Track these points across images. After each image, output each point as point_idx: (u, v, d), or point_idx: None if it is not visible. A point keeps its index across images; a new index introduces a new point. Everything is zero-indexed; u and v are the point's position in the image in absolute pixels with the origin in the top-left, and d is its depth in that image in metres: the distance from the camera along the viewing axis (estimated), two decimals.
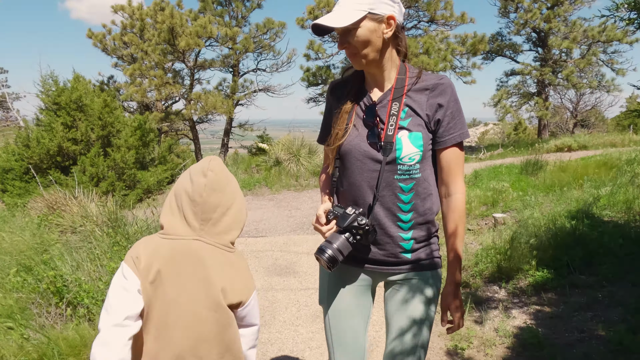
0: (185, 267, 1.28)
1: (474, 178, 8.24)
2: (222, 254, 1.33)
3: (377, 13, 1.49)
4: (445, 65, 12.91)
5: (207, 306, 1.28)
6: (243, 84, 12.87)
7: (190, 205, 1.31)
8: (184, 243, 1.29)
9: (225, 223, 1.34)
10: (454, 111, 1.56)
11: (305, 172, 11.97)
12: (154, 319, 1.26)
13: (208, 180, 1.31)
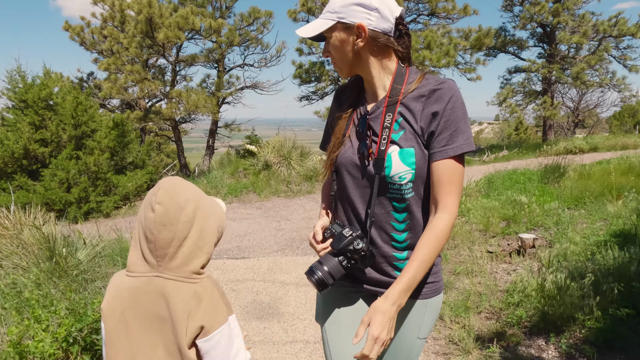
0: (147, 306, 1.24)
1: (487, 186, 7.31)
2: (185, 287, 1.24)
3: (347, 22, 1.40)
4: (449, 61, 12.01)
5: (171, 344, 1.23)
6: (229, 81, 11.90)
7: (145, 241, 1.24)
8: (145, 281, 1.24)
9: (183, 255, 1.25)
10: (449, 120, 1.38)
11: (296, 176, 11.00)
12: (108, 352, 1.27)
13: (156, 215, 1.22)
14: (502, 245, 5.16)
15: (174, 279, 1.24)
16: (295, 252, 5.95)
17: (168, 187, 1.24)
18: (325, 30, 1.41)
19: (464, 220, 6.32)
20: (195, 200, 1.27)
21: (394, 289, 1.34)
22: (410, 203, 1.44)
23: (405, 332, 1.53)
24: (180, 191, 1.25)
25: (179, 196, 1.24)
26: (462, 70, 13.79)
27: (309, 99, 15.05)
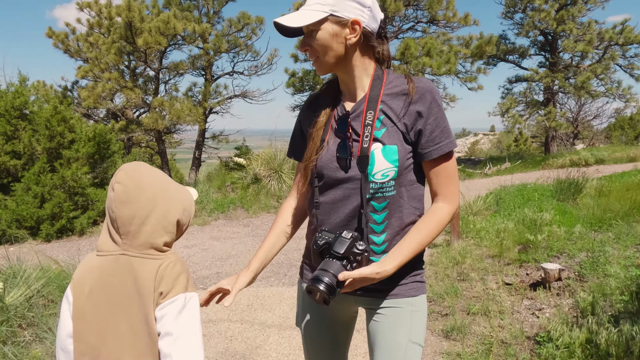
0: (115, 283, 1.27)
1: (495, 203, 6.63)
2: (150, 263, 1.28)
3: (340, 16, 1.37)
4: (450, 68, 11.42)
5: (139, 320, 1.26)
6: (216, 89, 11.24)
7: (109, 220, 1.33)
8: (112, 259, 1.29)
9: (146, 232, 1.29)
10: (437, 118, 1.41)
11: (287, 190, 10.30)
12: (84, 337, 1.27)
13: (116, 194, 1.29)
14: (520, 275, 4.47)
15: (138, 256, 1.28)
16: (281, 280, 5.24)
17: (129, 168, 1.31)
18: (314, 23, 1.36)
19: (473, 243, 5.63)
20: (159, 182, 1.33)
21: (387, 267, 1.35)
22: (389, 202, 1.44)
23: (396, 334, 1.48)
24: (142, 173, 1.31)
25: (139, 177, 1.30)
26: (462, 79, 13.23)
27: None
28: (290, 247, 6.75)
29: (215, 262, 6.26)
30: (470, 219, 6.34)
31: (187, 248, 7.33)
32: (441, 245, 5.79)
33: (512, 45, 16.34)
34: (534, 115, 15.42)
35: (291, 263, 5.91)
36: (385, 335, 1.48)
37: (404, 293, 1.49)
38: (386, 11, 12.88)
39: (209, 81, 11.53)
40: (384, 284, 1.44)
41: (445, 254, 5.26)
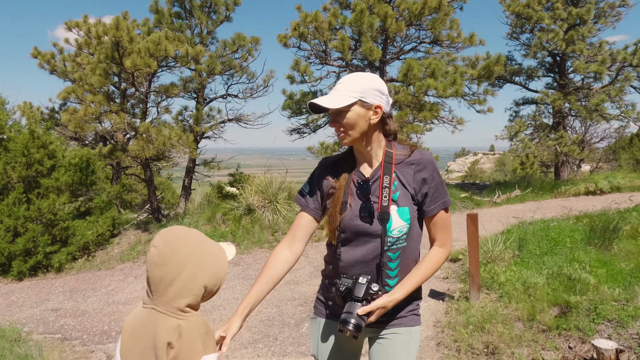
0: (141, 334, 1.44)
1: (517, 244, 5.84)
2: (171, 320, 1.41)
3: (367, 101, 1.73)
4: (457, 90, 10.75)
5: None
6: (209, 113, 10.56)
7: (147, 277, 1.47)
8: (147, 311, 1.45)
9: (171, 293, 1.42)
10: (437, 183, 1.80)
11: (283, 223, 9.55)
12: None
13: (151, 256, 1.44)
14: (561, 348, 3.67)
15: (163, 312, 1.42)
16: (269, 347, 4.42)
17: (165, 235, 1.46)
18: (345, 106, 1.71)
19: (495, 298, 4.84)
20: (191, 247, 1.46)
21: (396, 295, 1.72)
22: (401, 252, 1.78)
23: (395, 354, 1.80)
24: (177, 237, 1.45)
25: (174, 242, 1.44)
26: (469, 101, 12.58)
27: (300, 132, 13.74)
28: (284, 296, 5.95)
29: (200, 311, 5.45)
30: (489, 267, 5.55)
31: None
32: (459, 300, 4.99)
33: (518, 67, 15.75)
34: (544, 140, 14.74)
35: (283, 321, 5.10)
36: (387, 354, 1.80)
37: (404, 323, 1.84)
38: (387, 31, 12.31)
39: (201, 104, 10.85)
40: (387, 316, 1.78)
41: (466, 314, 4.46)
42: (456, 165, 58.54)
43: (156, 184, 27.10)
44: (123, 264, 8.80)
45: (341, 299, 1.73)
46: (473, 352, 3.81)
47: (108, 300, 6.44)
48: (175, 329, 1.39)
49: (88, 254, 9.52)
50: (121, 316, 5.67)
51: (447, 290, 5.69)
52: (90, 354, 4.59)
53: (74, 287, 7.52)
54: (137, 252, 9.24)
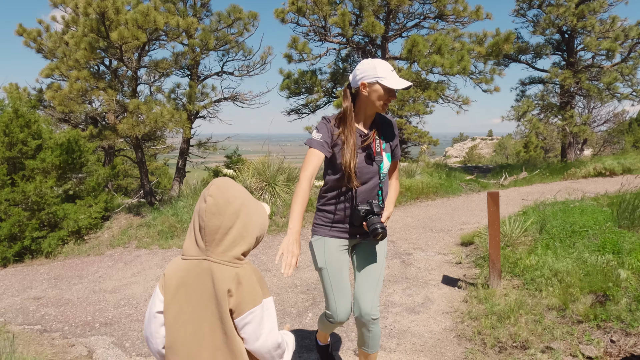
0: (198, 283, 1.53)
1: (538, 227, 5.37)
2: (228, 270, 1.52)
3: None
4: (464, 67, 10.20)
5: (217, 317, 1.51)
6: (203, 91, 9.99)
7: (198, 228, 1.54)
8: (196, 263, 1.53)
9: (227, 242, 1.53)
10: (398, 141, 2.72)
11: (282, 206, 9.07)
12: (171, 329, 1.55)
13: (207, 206, 1.52)
14: (603, 342, 3.21)
15: (218, 262, 1.53)
16: None
17: (220, 183, 1.57)
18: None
19: (518, 284, 4.38)
20: (242, 198, 1.58)
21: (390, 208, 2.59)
22: (385, 181, 2.62)
23: (380, 254, 2.67)
24: (230, 188, 1.57)
25: (228, 192, 1.55)
26: (476, 80, 12.03)
27: (299, 112, 13.19)
28: (284, 283, 5.48)
29: None
30: (508, 251, 5.08)
31: (158, 281, 6.05)
32: (477, 286, 4.53)
33: (525, 44, 15.14)
34: (553, 120, 14.22)
35: (285, 310, 4.64)
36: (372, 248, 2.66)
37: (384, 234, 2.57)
38: (389, 5, 11.70)
39: (195, 82, 10.28)
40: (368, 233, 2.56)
41: (488, 303, 4.00)
42: (454, 151, 58.00)
43: (152, 169, 26.54)
44: (113, 250, 8.32)
45: (362, 218, 2.47)
46: (501, 347, 3.36)
47: (94, 289, 5.97)
48: (234, 277, 1.51)
49: (77, 239, 9.03)
50: (107, 306, 5.21)
51: (462, 276, 5.24)
52: (69, 348, 4.13)
53: (60, 274, 7.04)
54: (129, 237, 8.75)
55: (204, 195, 1.55)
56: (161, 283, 1.60)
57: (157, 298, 1.60)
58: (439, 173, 13.01)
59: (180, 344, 1.54)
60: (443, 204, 10.19)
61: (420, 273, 5.52)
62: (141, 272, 6.62)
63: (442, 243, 6.91)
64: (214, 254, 1.52)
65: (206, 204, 1.52)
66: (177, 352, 1.54)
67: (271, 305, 1.57)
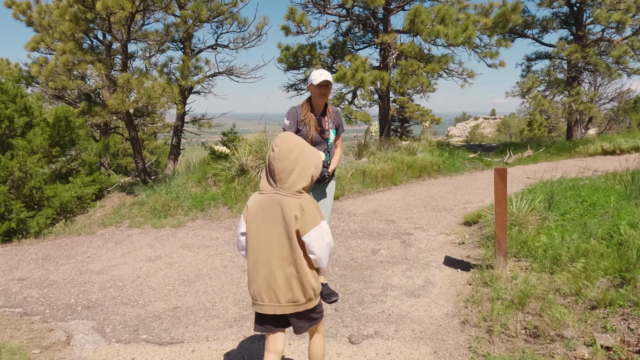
0: (271, 211, 2.17)
1: (546, 205, 5.08)
2: (293, 200, 2.14)
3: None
4: (469, 36, 9.76)
5: (286, 236, 2.16)
6: (197, 65, 9.60)
7: (269, 170, 2.20)
8: (269, 196, 2.18)
9: (291, 180, 2.15)
10: (342, 123, 4.00)
11: None
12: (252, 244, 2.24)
13: (275, 154, 2.16)
14: (619, 330, 2.94)
15: (286, 195, 2.14)
16: None
17: (283, 136, 2.20)
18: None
19: (525, 266, 4.10)
20: (300, 147, 2.19)
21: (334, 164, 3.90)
22: (330, 149, 3.87)
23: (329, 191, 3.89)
24: (291, 139, 2.19)
25: (289, 142, 2.17)
26: (480, 54, 11.59)
27: (297, 88, 12.80)
28: None
29: (178, 288, 4.74)
30: (514, 231, 4.79)
31: (149, 261, 5.81)
32: (482, 268, 4.25)
33: (531, 18, 14.59)
34: (559, 97, 13.78)
35: None
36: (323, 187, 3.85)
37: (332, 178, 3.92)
38: None
39: (188, 55, 9.88)
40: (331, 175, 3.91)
41: (494, 286, 3.73)
42: (456, 130, 57.41)
43: (152, 148, 26.16)
44: (105, 229, 8.06)
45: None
46: (509, 335, 3.09)
47: (81, 269, 5.73)
48: (298, 206, 2.13)
49: (67, 218, 8.79)
50: (92, 287, 4.96)
51: (466, 257, 4.97)
52: (47, 333, 3.88)
53: (48, 254, 6.79)
54: (121, 216, 8.49)
55: (272, 145, 2.15)
56: (244, 212, 2.23)
57: (240, 224, 2.27)
58: (441, 151, 12.68)
59: (258, 254, 2.18)
60: (445, 183, 9.89)
61: (421, 254, 5.25)
62: (131, 252, 6.37)
63: (445, 222, 6.63)
64: (282, 189, 2.11)
65: (274, 152, 2.13)
66: (257, 260, 2.19)
67: (326, 225, 2.21)
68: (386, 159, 10.50)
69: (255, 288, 2.23)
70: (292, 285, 2.19)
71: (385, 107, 13.00)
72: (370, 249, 5.58)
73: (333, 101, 11.52)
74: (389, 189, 9.47)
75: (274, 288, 2.19)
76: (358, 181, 9.47)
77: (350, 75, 10.69)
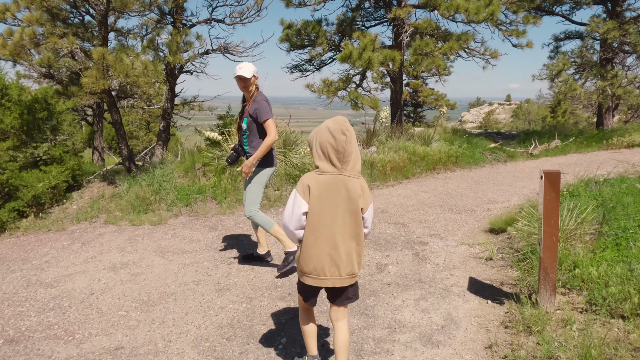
0: (336, 191, 2.36)
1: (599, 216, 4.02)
2: (355, 180, 2.38)
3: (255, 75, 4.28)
4: (492, 12, 8.57)
5: (350, 212, 2.38)
6: (187, 40, 8.55)
7: (335, 153, 2.34)
8: (334, 177, 2.36)
9: (352, 162, 2.38)
10: (260, 109, 4.15)
11: (276, 176, 7.76)
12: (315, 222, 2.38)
13: (347, 138, 2.34)
14: None
15: (349, 175, 2.36)
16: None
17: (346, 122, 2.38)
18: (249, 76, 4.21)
19: (580, 303, 3.06)
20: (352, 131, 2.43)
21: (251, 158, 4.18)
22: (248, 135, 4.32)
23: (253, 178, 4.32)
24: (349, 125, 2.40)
25: (351, 128, 2.38)
26: (505, 32, 10.37)
27: (302, 69, 11.69)
28: (262, 283, 4.24)
29: (132, 314, 3.78)
30: (562, 250, 3.74)
31: (112, 271, 4.88)
32: (520, 301, 3.22)
33: None
34: (592, 80, 12.52)
35: (252, 330, 3.41)
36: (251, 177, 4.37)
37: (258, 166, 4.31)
38: None
39: (178, 30, 8.83)
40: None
41: (543, 338, 2.70)
42: (470, 116, 55.86)
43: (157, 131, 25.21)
44: (78, 225, 7.14)
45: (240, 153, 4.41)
46: None
47: (30, 280, 4.81)
48: (360, 186, 2.39)
49: (38, 212, 7.89)
50: (31, 308, 4.03)
51: (496, 281, 3.93)
52: None
53: (4, 255, 5.89)
54: (98, 210, 7.55)
55: (341, 129, 2.34)
56: (302, 192, 2.38)
57: (301, 204, 2.38)
58: (458, 140, 11.54)
59: (320, 231, 2.37)
60: (464, 177, 8.80)
61: (438, 273, 4.23)
62: (96, 256, 5.44)
63: (466, 228, 5.59)
64: (346, 171, 2.36)
65: (345, 137, 2.33)
66: (319, 236, 2.37)
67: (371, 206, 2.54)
68: (397, 149, 9.43)
69: (317, 263, 2.39)
70: (352, 259, 2.41)
71: (397, 91, 11.86)
72: (376, 264, 4.57)
73: (339, 84, 10.41)
74: (400, 183, 8.42)
75: (337, 262, 2.38)
76: (365, 174, 8.42)
77: (356, 55, 9.58)
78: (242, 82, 4.15)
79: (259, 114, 4.13)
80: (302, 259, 2.42)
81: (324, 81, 10.32)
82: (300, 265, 2.45)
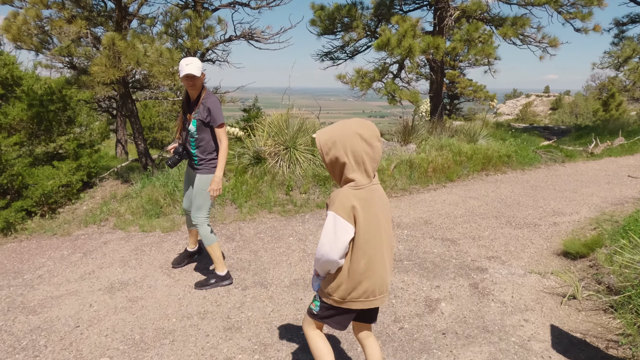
0: (375, 205, 2.11)
1: None
2: (381, 187, 2.20)
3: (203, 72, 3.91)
4: None
5: (388, 223, 2.19)
6: (208, 25, 7.75)
7: (372, 162, 2.08)
8: (369, 189, 2.09)
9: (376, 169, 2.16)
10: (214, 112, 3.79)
11: (303, 177, 6.92)
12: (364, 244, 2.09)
13: (381, 145, 2.11)
14: None
15: (378, 183, 2.16)
16: None
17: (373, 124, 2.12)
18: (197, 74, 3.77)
19: None
20: None
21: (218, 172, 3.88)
22: (196, 140, 3.88)
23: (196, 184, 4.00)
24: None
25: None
26: (566, 16, 9.13)
27: (333, 57, 10.74)
28: (284, 300, 3.38)
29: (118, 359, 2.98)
30: None
31: (107, 293, 4.15)
32: None
33: None
34: None
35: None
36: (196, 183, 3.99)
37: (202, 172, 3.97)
38: None
39: (199, 13, 8.04)
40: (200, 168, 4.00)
41: None
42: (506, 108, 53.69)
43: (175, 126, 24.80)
44: (85, 229, 6.49)
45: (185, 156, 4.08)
46: None
47: (14, 301, 4.13)
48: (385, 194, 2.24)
49: (47, 212, 7.28)
50: (1, 345, 3.30)
51: (588, 335, 2.96)
52: None
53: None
54: (107, 212, 6.88)
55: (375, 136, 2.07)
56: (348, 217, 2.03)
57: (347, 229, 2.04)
58: (504, 136, 10.41)
59: (369, 252, 2.09)
60: (518, 180, 7.73)
61: (507, 317, 3.28)
62: (94, 271, 4.73)
63: (532, 250, 4.59)
64: (375, 178, 2.15)
65: (380, 143, 2.10)
66: (370, 259, 2.10)
67: None
68: (439, 147, 8.42)
69: (368, 287, 2.15)
70: (391, 270, 2.26)
71: (438, 82, 10.80)
72: (424, 299, 3.66)
73: (374, 74, 9.43)
74: (444, 187, 7.42)
75: (385, 280, 2.20)
76: (404, 175, 7.47)
77: (395, 43, 8.59)
78: (191, 81, 3.74)
79: (212, 118, 3.81)
80: (349, 284, 2.13)
81: (358, 71, 9.36)
82: (342, 292, 2.14)
